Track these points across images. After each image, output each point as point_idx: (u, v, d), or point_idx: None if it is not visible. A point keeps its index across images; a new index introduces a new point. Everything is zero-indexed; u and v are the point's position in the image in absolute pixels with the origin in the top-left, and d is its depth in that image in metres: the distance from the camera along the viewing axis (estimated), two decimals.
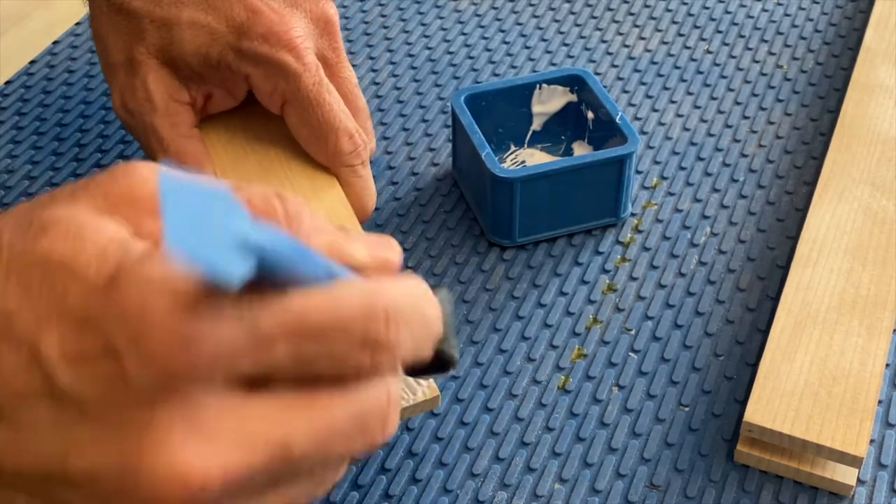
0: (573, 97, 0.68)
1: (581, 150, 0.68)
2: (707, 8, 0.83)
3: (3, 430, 0.31)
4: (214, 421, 0.31)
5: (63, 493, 0.31)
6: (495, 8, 0.83)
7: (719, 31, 0.81)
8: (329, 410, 0.33)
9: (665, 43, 0.80)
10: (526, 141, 0.69)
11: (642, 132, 0.73)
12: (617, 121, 0.65)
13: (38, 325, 0.30)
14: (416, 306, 0.34)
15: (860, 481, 0.54)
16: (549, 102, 0.69)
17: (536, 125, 0.69)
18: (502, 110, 0.68)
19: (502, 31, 0.81)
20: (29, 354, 0.30)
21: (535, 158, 0.68)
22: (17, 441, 0.31)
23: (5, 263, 0.31)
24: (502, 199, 0.63)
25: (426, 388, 0.51)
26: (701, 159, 0.71)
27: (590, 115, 0.68)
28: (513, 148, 0.69)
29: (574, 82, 0.68)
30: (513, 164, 0.68)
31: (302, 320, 0.31)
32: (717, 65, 0.78)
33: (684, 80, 0.77)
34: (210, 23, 0.55)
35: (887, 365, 0.59)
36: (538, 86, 0.68)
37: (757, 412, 0.53)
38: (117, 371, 0.30)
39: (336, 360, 0.32)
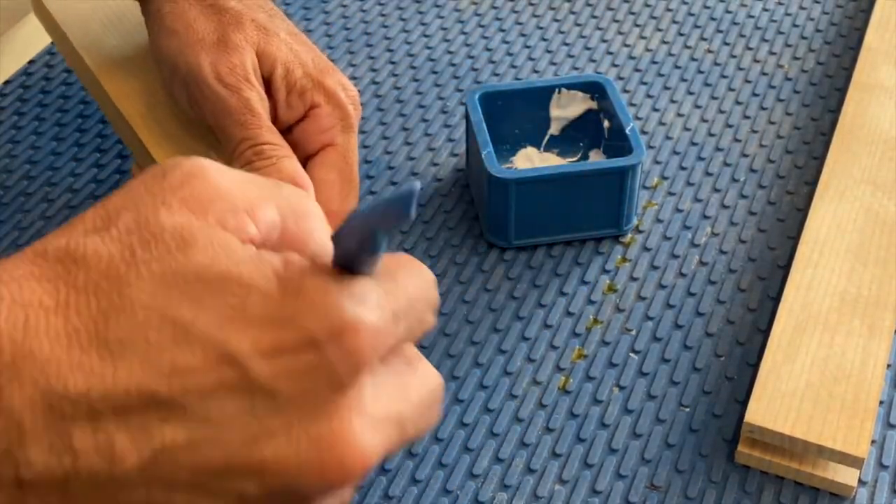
0: (593, 104, 0.68)
1: (596, 160, 0.68)
2: (708, 7, 0.83)
3: (188, 427, 0.32)
4: (373, 403, 0.34)
5: (241, 483, 0.33)
6: (495, 8, 0.83)
7: (720, 31, 0.81)
8: (421, 385, 0.37)
9: (666, 42, 0.80)
10: (542, 144, 0.69)
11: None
12: (626, 132, 0.64)
13: (222, 329, 0.32)
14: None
15: (861, 482, 0.54)
16: (568, 107, 0.68)
17: (554, 129, 0.69)
18: (520, 111, 0.68)
19: (502, 31, 0.81)
20: (217, 354, 0.32)
21: (547, 163, 0.68)
22: (205, 437, 0.33)
23: (159, 279, 0.33)
24: (498, 200, 0.63)
25: None
26: (701, 159, 0.71)
27: (606, 123, 0.67)
28: (527, 149, 0.69)
29: (595, 89, 0.68)
30: (524, 166, 0.68)
31: (409, 295, 0.35)
32: (718, 64, 0.78)
33: (685, 80, 0.77)
34: (299, 52, 0.61)
35: (888, 365, 0.58)
36: (557, 90, 0.68)
37: (758, 413, 0.53)
38: (319, 361, 0.33)
39: (422, 325, 0.37)
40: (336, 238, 0.34)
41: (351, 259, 0.34)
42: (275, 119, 0.60)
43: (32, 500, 0.32)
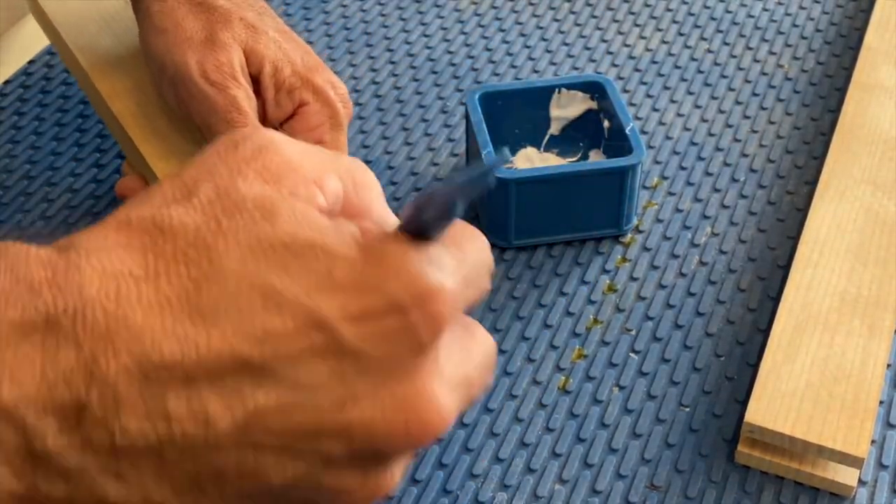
0: (593, 104, 0.68)
1: (596, 159, 0.68)
2: (708, 7, 0.83)
3: (278, 391, 0.33)
4: (447, 366, 0.36)
5: (329, 445, 0.34)
6: (495, 7, 0.83)
7: (720, 31, 0.81)
8: (480, 348, 0.38)
9: (665, 42, 0.80)
10: (543, 144, 0.69)
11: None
12: (626, 132, 0.64)
13: (310, 296, 0.33)
14: None
15: (861, 482, 0.54)
16: (568, 107, 0.68)
17: (554, 129, 0.69)
18: (520, 111, 0.68)
19: (502, 31, 0.81)
20: (307, 319, 0.33)
21: (548, 163, 0.68)
22: (295, 401, 0.33)
23: (246, 248, 0.34)
24: (498, 200, 0.63)
25: None
26: (701, 159, 0.71)
27: (606, 124, 0.67)
28: (527, 149, 0.69)
29: (595, 89, 0.68)
30: (524, 166, 0.68)
31: (473, 260, 0.37)
32: (718, 64, 0.78)
33: (685, 80, 0.77)
34: (288, 50, 0.61)
35: (888, 365, 0.58)
36: (557, 90, 0.68)
37: (758, 413, 0.53)
38: (405, 325, 0.34)
39: (482, 290, 0.38)
40: (415, 209, 0.35)
41: (423, 227, 0.35)
42: (263, 118, 0.60)
43: (126, 465, 0.33)
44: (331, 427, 0.34)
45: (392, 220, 0.38)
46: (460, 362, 0.37)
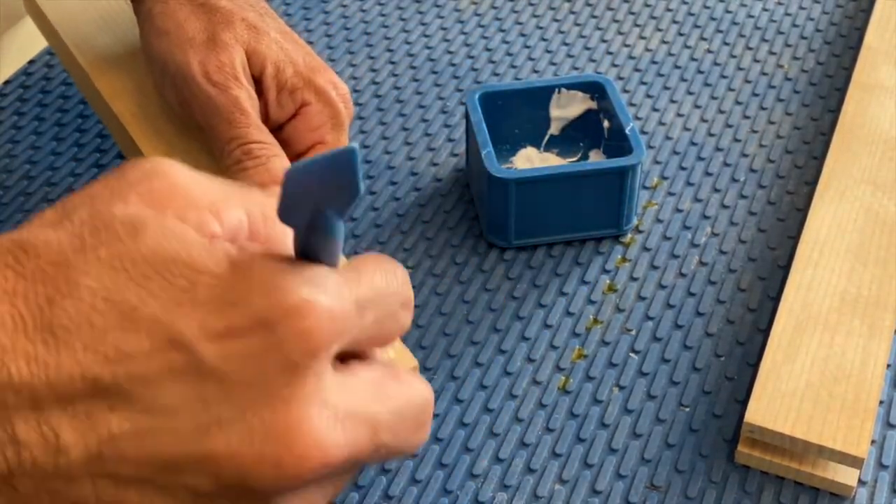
0: (593, 104, 0.68)
1: (596, 160, 0.68)
2: (708, 7, 0.83)
3: (133, 415, 0.31)
4: (337, 395, 0.33)
5: (193, 477, 0.32)
6: (495, 8, 0.83)
7: (720, 31, 0.81)
8: (403, 394, 0.35)
9: (665, 42, 0.80)
10: (543, 144, 0.69)
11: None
12: (626, 132, 0.64)
13: (169, 313, 0.31)
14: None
15: (861, 482, 0.54)
16: (568, 107, 0.68)
17: (554, 129, 0.69)
18: (519, 111, 0.68)
19: (502, 31, 0.81)
20: (164, 338, 0.31)
21: (548, 163, 0.68)
22: (152, 426, 0.31)
23: (108, 263, 0.32)
24: (498, 200, 0.63)
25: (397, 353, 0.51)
26: (701, 159, 0.71)
27: (606, 124, 0.67)
28: (527, 149, 0.69)
29: (594, 89, 0.68)
30: (524, 166, 0.68)
31: (374, 286, 0.35)
32: (718, 64, 0.78)
33: (685, 80, 0.77)
34: (290, 51, 0.61)
35: (888, 365, 0.58)
36: (557, 90, 0.68)
37: (758, 413, 0.53)
38: (271, 343, 0.31)
39: (397, 321, 0.36)
40: (283, 197, 0.32)
41: (309, 245, 0.33)
42: (265, 118, 0.60)
43: None
44: (192, 457, 0.32)
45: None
46: (365, 399, 0.34)
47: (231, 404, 0.31)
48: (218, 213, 0.35)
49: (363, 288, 0.34)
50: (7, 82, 0.77)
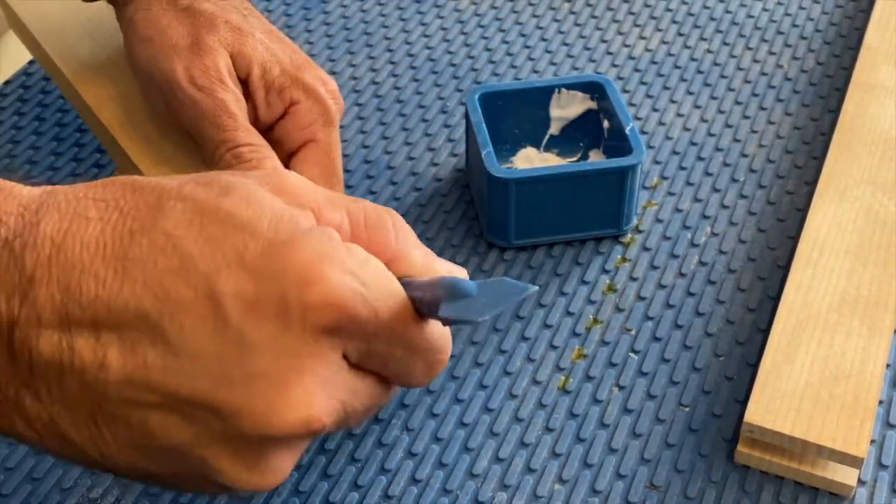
0: (593, 104, 0.68)
1: (596, 159, 0.68)
2: (707, 7, 0.83)
3: (165, 354, 0.35)
4: (334, 380, 0.37)
5: (204, 415, 0.36)
6: (495, 8, 0.83)
7: (720, 31, 0.81)
8: (382, 399, 0.40)
9: (665, 42, 0.80)
10: (543, 144, 0.69)
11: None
12: (626, 132, 0.64)
13: (217, 270, 0.35)
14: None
15: (861, 482, 0.54)
16: (568, 108, 0.68)
17: (554, 129, 0.69)
18: (519, 111, 0.68)
19: (502, 31, 0.81)
20: (205, 292, 0.35)
21: (548, 163, 0.68)
22: (176, 366, 0.35)
23: (190, 214, 0.36)
24: (498, 200, 0.63)
25: None
26: (701, 159, 0.71)
27: (606, 123, 0.67)
28: (527, 149, 0.69)
29: (594, 89, 0.68)
30: (524, 166, 0.68)
31: (407, 334, 0.39)
32: (718, 64, 0.78)
33: (685, 80, 0.77)
34: (276, 50, 0.61)
35: (888, 365, 0.58)
36: (557, 90, 0.68)
37: (757, 412, 0.53)
38: (285, 320, 0.35)
39: (407, 371, 0.40)
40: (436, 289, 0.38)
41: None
42: (255, 119, 0.60)
43: (39, 384, 0.36)
44: (204, 402, 0.36)
45: (417, 262, 0.41)
46: (351, 392, 0.38)
47: (241, 367, 0.35)
48: (318, 211, 0.39)
49: (396, 323, 0.38)
50: (7, 82, 0.77)
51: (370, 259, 0.38)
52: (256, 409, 0.36)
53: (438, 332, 0.40)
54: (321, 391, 0.36)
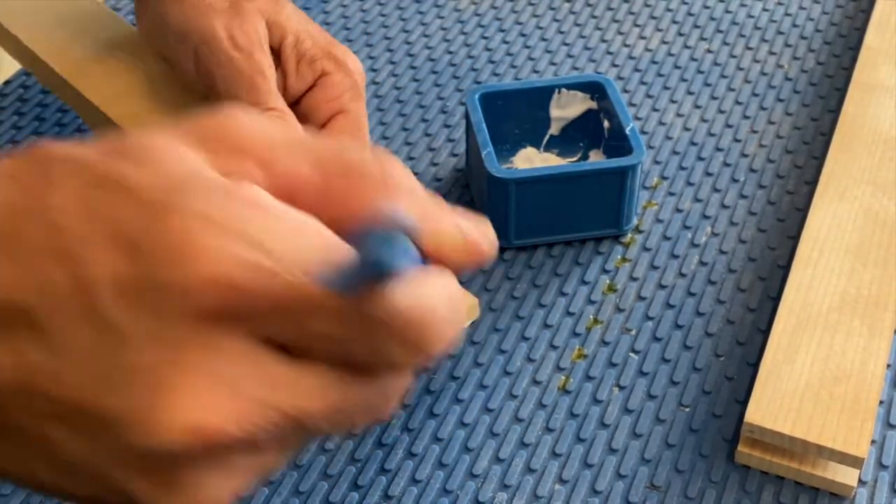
0: (593, 104, 0.68)
1: (596, 160, 0.68)
2: (708, 7, 0.83)
3: (49, 355, 0.30)
4: (234, 369, 0.30)
5: (97, 430, 0.30)
6: (495, 8, 0.83)
7: (720, 31, 0.81)
8: (349, 393, 0.32)
9: (665, 42, 0.80)
10: (543, 144, 0.69)
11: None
12: (626, 132, 0.64)
13: (86, 245, 0.30)
14: (457, 321, 0.33)
15: (861, 482, 0.54)
16: (568, 108, 0.68)
17: (554, 129, 0.69)
18: (520, 111, 0.68)
19: (502, 31, 0.81)
20: (84, 281, 0.30)
21: (548, 163, 0.68)
22: (59, 369, 0.30)
23: (81, 183, 0.31)
24: (498, 200, 0.63)
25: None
26: (701, 159, 0.71)
27: (606, 123, 0.67)
28: (527, 149, 0.69)
29: (594, 89, 0.68)
30: (524, 166, 0.68)
31: (349, 307, 0.30)
32: (718, 64, 0.78)
33: (685, 80, 0.77)
34: (307, 25, 0.62)
35: (888, 365, 0.58)
36: (557, 90, 0.68)
37: (758, 413, 0.53)
38: (160, 306, 0.29)
39: (378, 356, 0.32)
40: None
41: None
42: (284, 89, 0.61)
43: None
44: (87, 408, 0.30)
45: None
46: (285, 389, 0.31)
47: (120, 368, 0.30)
48: (270, 161, 0.32)
49: (331, 302, 0.30)
50: (7, 82, 0.77)
51: (289, 219, 0.30)
52: (136, 416, 0.29)
53: (415, 297, 0.30)
54: (217, 390, 0.30)
